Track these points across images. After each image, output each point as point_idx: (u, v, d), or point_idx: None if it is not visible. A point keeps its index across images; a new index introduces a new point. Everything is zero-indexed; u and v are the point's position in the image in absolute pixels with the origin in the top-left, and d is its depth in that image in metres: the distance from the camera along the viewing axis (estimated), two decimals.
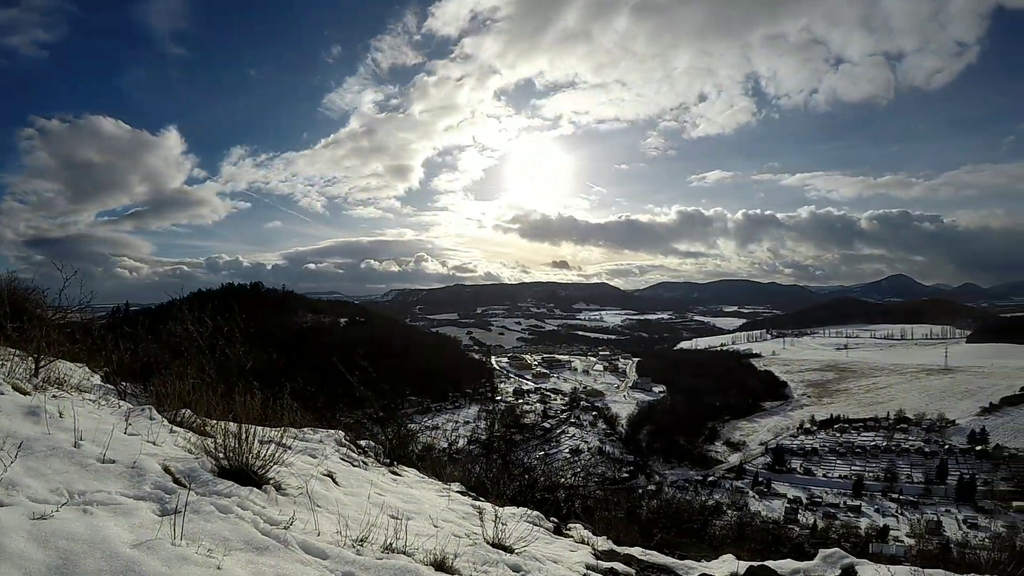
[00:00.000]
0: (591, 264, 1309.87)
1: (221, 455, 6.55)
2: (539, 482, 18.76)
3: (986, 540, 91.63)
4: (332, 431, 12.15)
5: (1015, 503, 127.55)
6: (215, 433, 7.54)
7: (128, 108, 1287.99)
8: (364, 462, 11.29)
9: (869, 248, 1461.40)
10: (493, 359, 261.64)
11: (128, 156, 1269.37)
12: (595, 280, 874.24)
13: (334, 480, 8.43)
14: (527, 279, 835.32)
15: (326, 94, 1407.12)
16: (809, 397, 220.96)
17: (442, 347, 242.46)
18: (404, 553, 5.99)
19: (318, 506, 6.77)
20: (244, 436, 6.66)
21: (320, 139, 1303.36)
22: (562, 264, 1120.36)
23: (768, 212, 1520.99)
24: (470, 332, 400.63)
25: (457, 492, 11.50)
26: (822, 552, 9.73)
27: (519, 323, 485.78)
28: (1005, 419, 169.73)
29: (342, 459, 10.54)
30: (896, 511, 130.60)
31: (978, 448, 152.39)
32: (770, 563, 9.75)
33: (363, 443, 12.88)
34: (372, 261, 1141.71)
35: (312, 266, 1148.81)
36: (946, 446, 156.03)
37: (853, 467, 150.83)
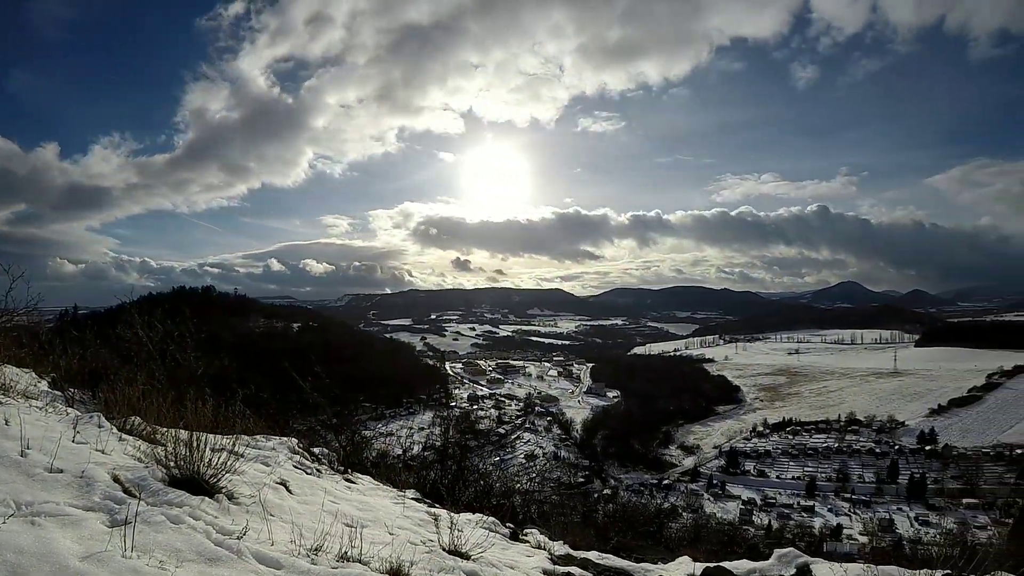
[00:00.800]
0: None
1: (172, 464, 6.42)
2: (495, 488, 18.64)
3: (938, 536, 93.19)
4: (285, 438, 11.97)
5: (965, 500, 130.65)
6: (165, 441, 7.38)
7: None
8: (318, 470, 11.14)
9: (815, 252, 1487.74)
10: (447, 365, 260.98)
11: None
12: (549, 286, 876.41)
13: (287, 488, 8.29)
14: (481, 285, 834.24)
15: None
16: (761, 401, 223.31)
17: (396, 353, 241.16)
18: (359, 562, 5.92)
19: (271, 515, 6.66)
20: (195, 444, 6.52)
21: None
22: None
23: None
24: (424, 338, 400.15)
25: (412, 499, 11.41)
26: (777, 552, 9.79)
27: (473, 329, 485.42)
28: (953, 420, 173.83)
29: (295, 467, 10.38)
30: (849, 510, 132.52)
31: (928, 448, 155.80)
32: (726, 564, 9.79)
33: (317, 450, 12.71)
34: (311, 261, 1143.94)
35: (255, 270, 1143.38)
36: (896, 447, 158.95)
37: (806, 468, 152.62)
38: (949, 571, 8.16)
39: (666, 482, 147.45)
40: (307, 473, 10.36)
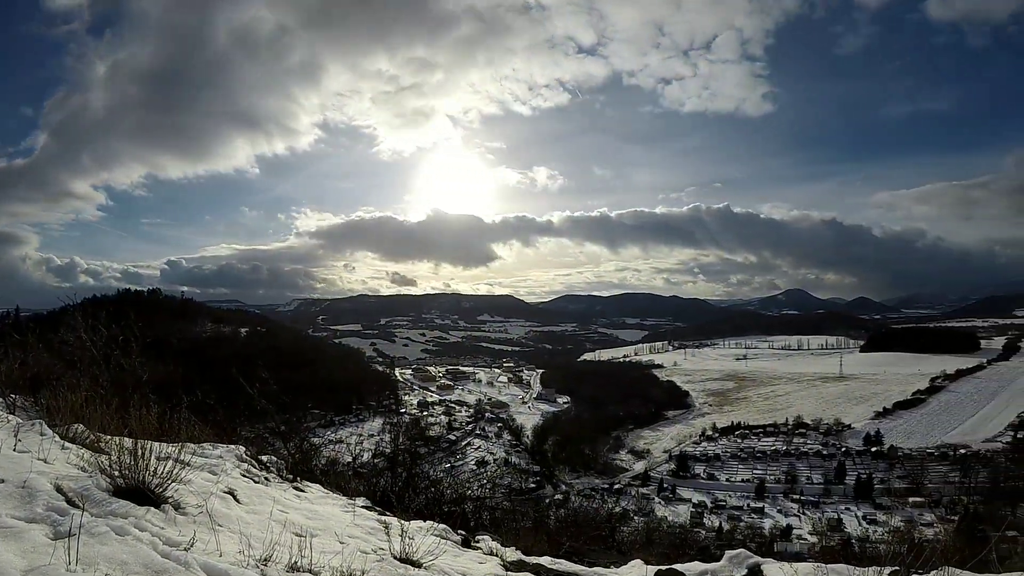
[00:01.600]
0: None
1: (116, 473, 6.27)
2: (446, 495, 18.61)
3: (885, 534, 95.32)
4: (232, 446, 11.76)
5: (911, 499, 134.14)
6: (110, 449, 7.21)
7: None
8: (266, 478, 10.98)
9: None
10: (397, 371, 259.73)
11: None
12: (500, 292, 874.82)
13: (235, 497, 8.15)
14: (432, 291, 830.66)
15: None
16: (711, 406, 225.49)
17: (345, 359, 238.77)
18: (310, 572, 5.84)
19: (219, 525, 6.54)
20: (140, 452, 6.38)
21: None
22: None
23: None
24: (374, 343, 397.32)
25: (362, 507, 11.28)
26: (728, 553, 9.85)
27: (423, 334, 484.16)
28: (898, 422, 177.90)
29: (243, 475, 10.22)
30: (798, 511, 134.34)
31: (874, 449, 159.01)
32: (678, 566, 9.83)
33: (265, 458, 12.52)
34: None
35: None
36: (843, 448, 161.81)
37: (755, 471, 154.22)
38: (897, 568, 8.27)
39: (617, 486, 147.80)
40: (255, 482, 10.20)
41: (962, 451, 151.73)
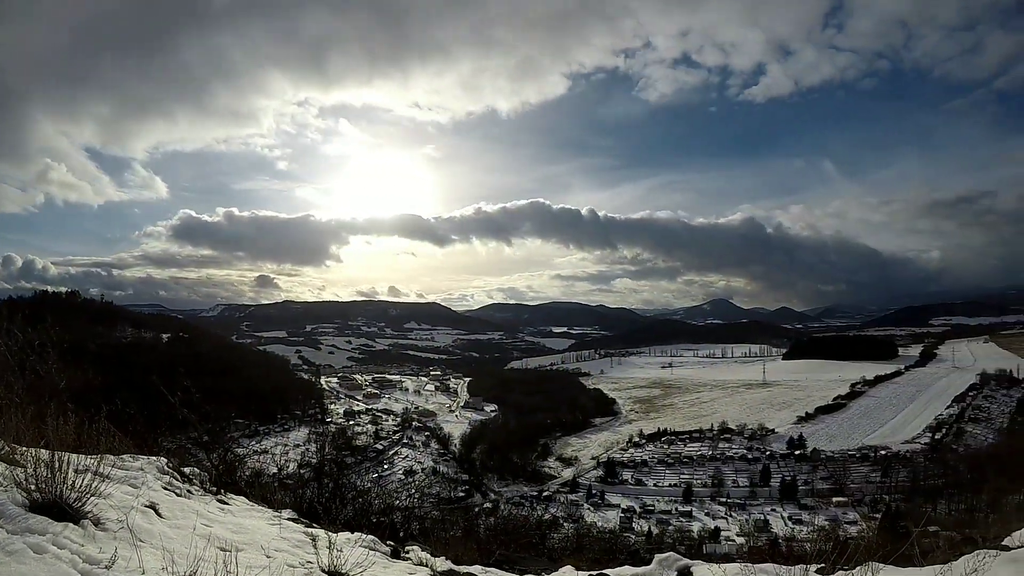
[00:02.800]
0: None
1: (32, 487, 6.02)
2: (374, 505, 18.38)
3: (811, 533, 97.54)
4: (154, 458, 11.42)
5: (835, 499, 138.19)
6: (25, 462, 6.91)
7: None
8: (189, 491, 10.68)
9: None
10: (323, 379, 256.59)
11: None
12: (427, 299, 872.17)
13: (157, 512, 7.90)
14: (358, 297, 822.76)
15: None
16: (637, 413, 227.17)
17: (270, 366, 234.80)
18: None
19: (141, 541, 6.31)
20: (57, 465, 6.14)
21: None
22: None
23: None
24: (299, 351, 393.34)
25: (289, 519, 11.06)
26: (658, 557, 9.90)
27: (350, 342, 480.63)
28: (820, 426, 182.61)
29: (165, 488, 9.92)
30: (725, 513, 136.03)
31: (797, 453, 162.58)
32: (608, 571, 9.85)
33: (187, 470, 12.19)
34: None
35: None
36: (768, 452, 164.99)
37: (682, 476, 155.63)
38: (823, 565, 8.44)
39: (546, 494, 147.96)
40: (178, 495, 9.91)
41: (883, 452, 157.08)
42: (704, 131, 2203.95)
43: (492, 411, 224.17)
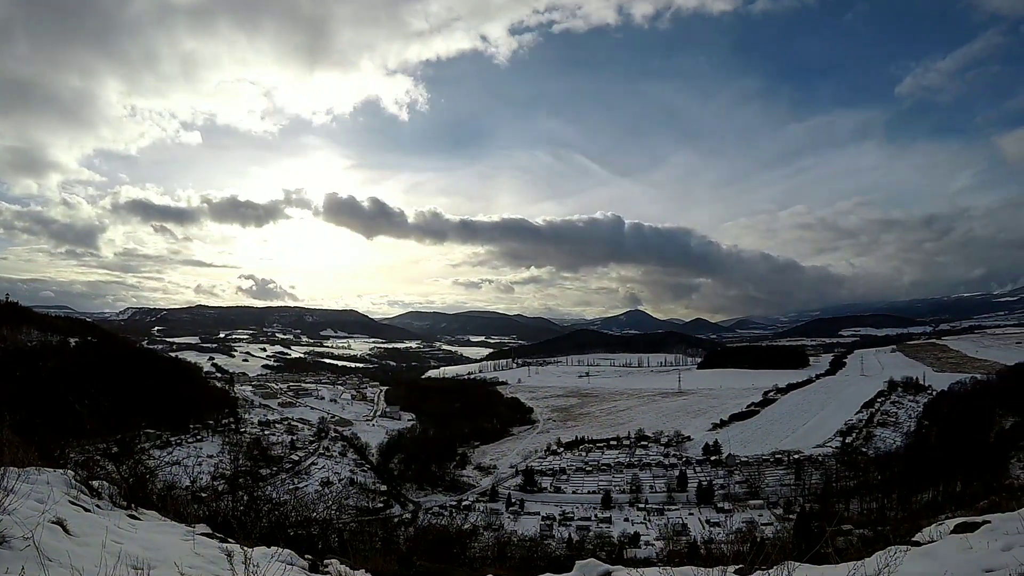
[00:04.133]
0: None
1: None
2: (290, 518, 17.94)
3: (729, 536, 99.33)
4: (61, 471, 10.91)
5: (751, 502, 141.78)
6: None
7: None
8: (98, 505, 10.23)
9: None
10: (237, 387, 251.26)
11: None
12: (344, 307, 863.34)
13: (65, 528, 7.49)
14: (275, 303, 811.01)
15: None
16: (554, 421, 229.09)
17: (182, 374, 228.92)
18: None
19: (48, 559, 5.96)
20: None
21: None
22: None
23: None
24: (212, 358, 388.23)
25: (203, 534, 10.66)
26: (579, 563, 9.90)
27: (264, 349, 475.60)
28: (734, 432, 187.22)
29: (73, 503, 9.46)
30: (644, 519, 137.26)
31: (713, 458, 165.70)
32: None
33: (97, 484, 11.66)
34: None
35: None
36: (684, 458, 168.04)
37: (600, 483, 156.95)
38: (741, 566, 8.57)
39: (465, 503, 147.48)
40: (87, 510, 9.47)
41: (796, 456, 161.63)
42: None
43: (410, 420, 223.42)
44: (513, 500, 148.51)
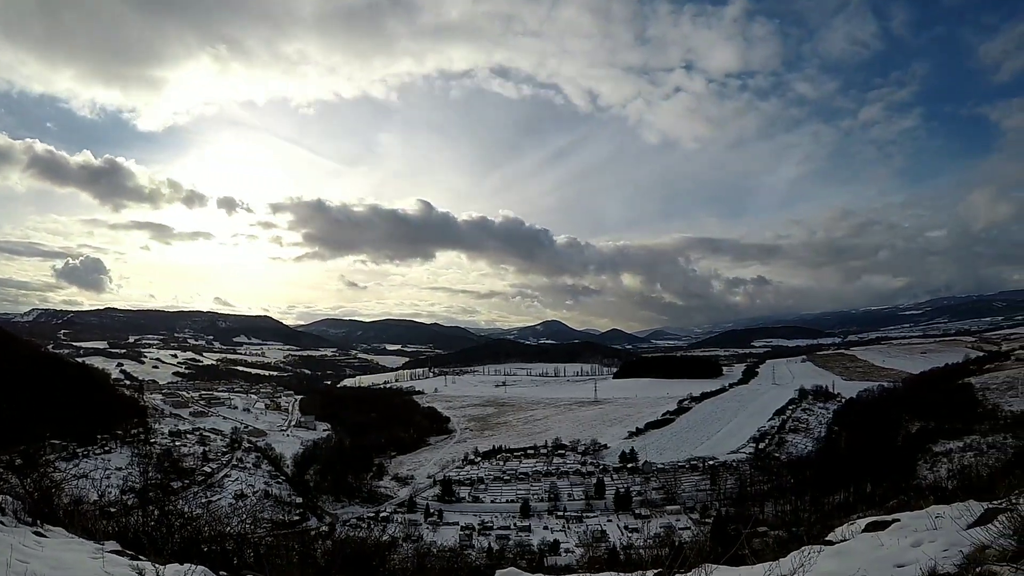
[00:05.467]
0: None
1: None
2: (204, 533, 17.43)
3: (647, 541, 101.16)
4: None
5: (668, 508, 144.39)
6: None
7: None
8: (2, 522, 9.82)
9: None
10: (147, 395, 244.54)
11: None
12: (258, 312, 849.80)
13: None
14: (185, 307, 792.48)
15: None
16: (472, 431, 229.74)
17: (90, 381, 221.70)
18: None
19: None
20: None
21: None
22: None
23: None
24: (121, 364, 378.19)
25: (113, 552, 10.27)
26: (499, 572, 9.87)
27: (175, 355, 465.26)
28: (650, 440, 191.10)
29: None
30: (563, 526, 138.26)
31: (630, 466, 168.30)
32: None
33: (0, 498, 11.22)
34: None
35: None
36: (601, 466, 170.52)
37: (519, 491, 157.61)
38: (660, 570, 8.73)
39: (384, 514, 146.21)
40: None
41: (711, 462, 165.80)
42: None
43: (325, 430, 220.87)
44: (432, 510, 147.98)
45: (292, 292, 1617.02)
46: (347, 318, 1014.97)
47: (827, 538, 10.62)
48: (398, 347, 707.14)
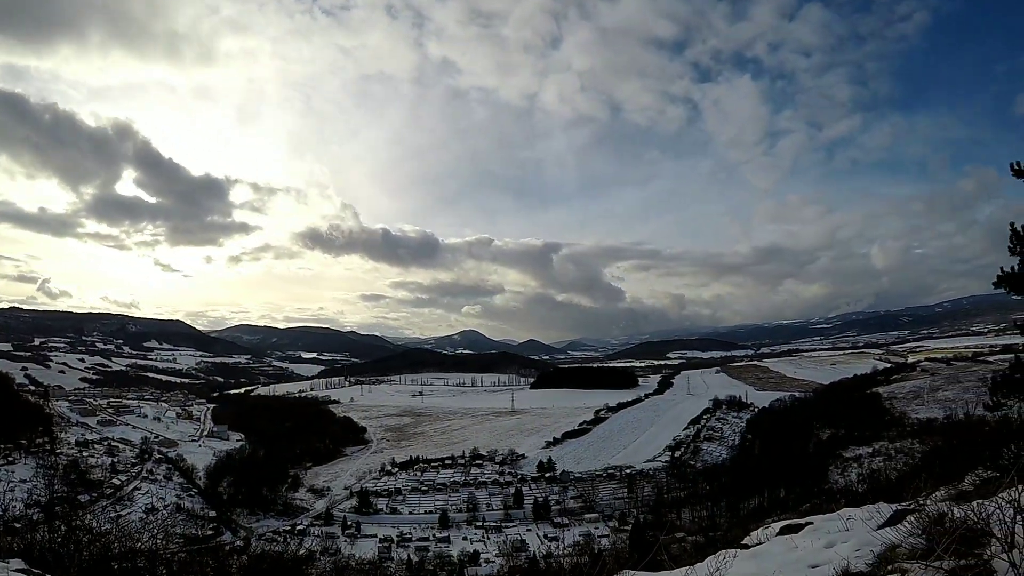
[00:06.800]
0: None
1: None
2: (114, 549, 16.90)
3: (567, 549, 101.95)
4: None
5: (586, 516, 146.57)
6: None
7: None
8: None
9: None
10: (53, 402, 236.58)
11: None
12: (170, 316, 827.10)
13: None
14: (95, 309, 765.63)
15: None
16: (388, 441, 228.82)
17: None
18: None
19: None
20: None
21: None
22: None
23: None
24: (25, 368, 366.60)
25: (18, 570, 9.85)
26: None
27: (83, 360, 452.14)
28: (568, 449, 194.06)
29: None
30: (483, 536, 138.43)
31: (548, 475, 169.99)
32: None
33: None
34: None
35: None
36: (519, 476, 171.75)
37: (437, 502, 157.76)
38: None
39: (300, 527, 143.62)
40: None
41: (628, 471, 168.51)
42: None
43: (239, 440, 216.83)
44: (349, 523, 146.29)
45: (207, 296, 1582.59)
46: (262, 324, 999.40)
47: (743, 542, 10.87)
48: (314, 355, 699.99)
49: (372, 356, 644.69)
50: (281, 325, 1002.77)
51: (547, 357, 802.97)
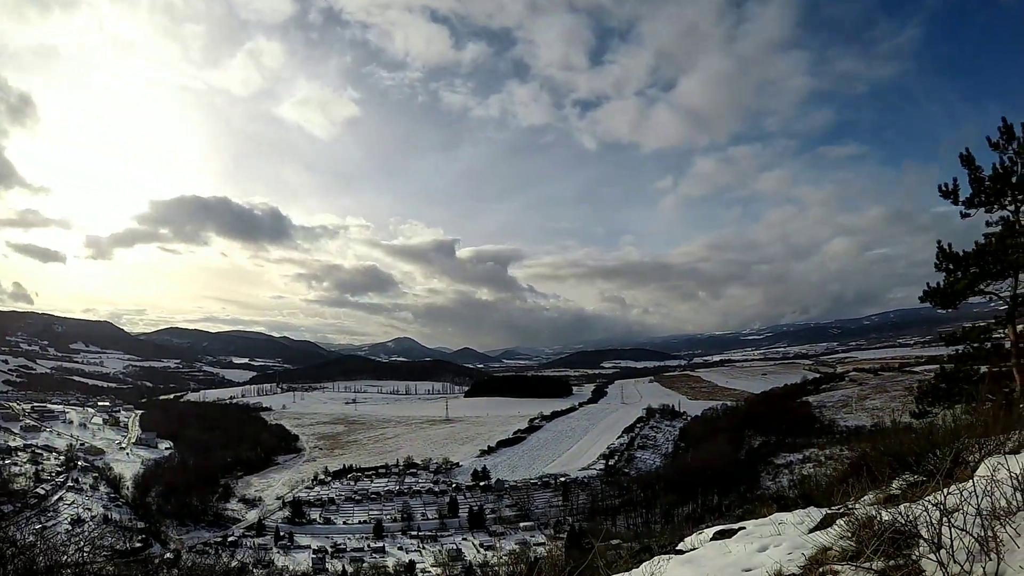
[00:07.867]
0: None
1: None
2: (38, 563, 16.45)
3: (503, 557, 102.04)
4: None
5: (522, 524, 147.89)
6: None
7: None
8: None
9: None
10: None
11: None
12: (98, 318, 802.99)
13: None
14: (18, 308, 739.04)
15: None
16: (321, 450, 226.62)
17: None
18: None
19: None
20: None
21: None
22: None
23: None
24: None
25: None
26: None
27: (5, 362, 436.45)
28: (502, 458, 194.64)
29: None
30: (418, 546, 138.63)
31: (482, 484, 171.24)
32: None
33: None
34: None
35: None
36: (454, 485, 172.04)
37: (371, 512, 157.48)
38: None
39: (232, 538, 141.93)
40: None
41: (562, 479, 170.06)
42: None
43: (167, 448, 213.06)
44: (282, 533, 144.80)
45: (136, 295, 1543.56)
46: (192, 328, 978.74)
47: (677, 547, 10.96)
48: (245, 360, 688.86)
49: (306, 362, 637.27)
50: (212, 328, 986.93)
51: (482, 365, 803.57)
